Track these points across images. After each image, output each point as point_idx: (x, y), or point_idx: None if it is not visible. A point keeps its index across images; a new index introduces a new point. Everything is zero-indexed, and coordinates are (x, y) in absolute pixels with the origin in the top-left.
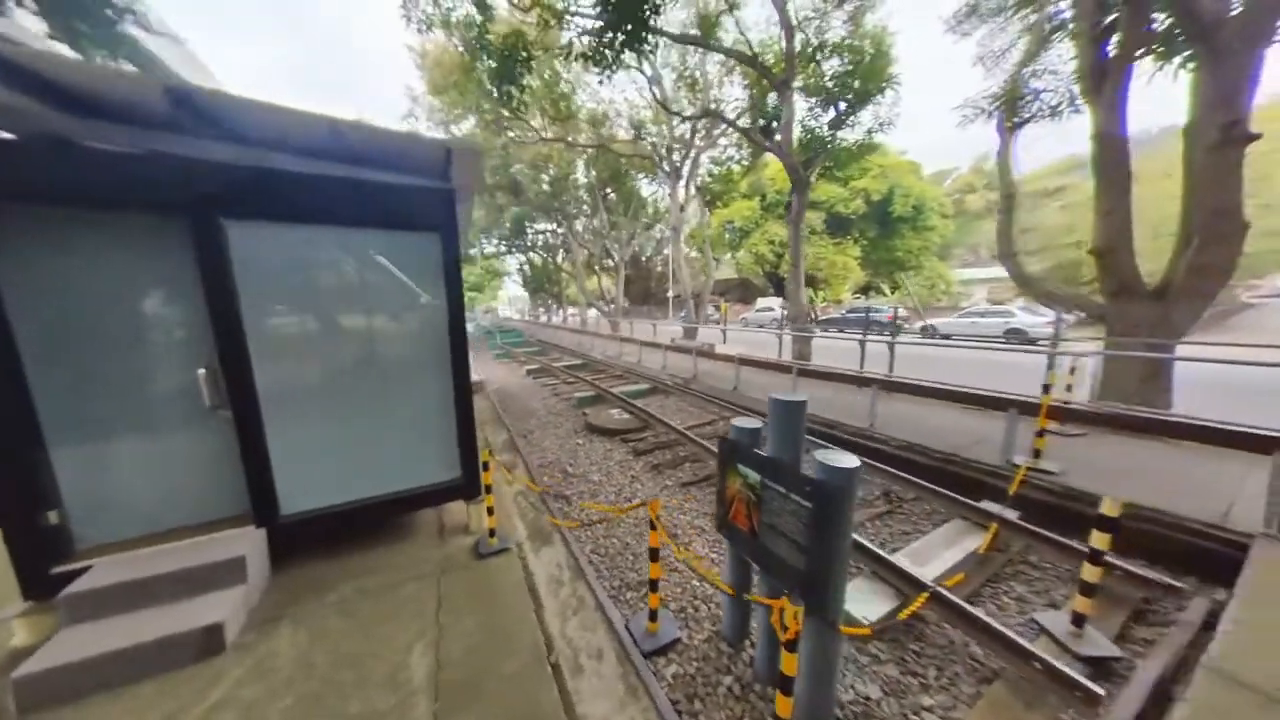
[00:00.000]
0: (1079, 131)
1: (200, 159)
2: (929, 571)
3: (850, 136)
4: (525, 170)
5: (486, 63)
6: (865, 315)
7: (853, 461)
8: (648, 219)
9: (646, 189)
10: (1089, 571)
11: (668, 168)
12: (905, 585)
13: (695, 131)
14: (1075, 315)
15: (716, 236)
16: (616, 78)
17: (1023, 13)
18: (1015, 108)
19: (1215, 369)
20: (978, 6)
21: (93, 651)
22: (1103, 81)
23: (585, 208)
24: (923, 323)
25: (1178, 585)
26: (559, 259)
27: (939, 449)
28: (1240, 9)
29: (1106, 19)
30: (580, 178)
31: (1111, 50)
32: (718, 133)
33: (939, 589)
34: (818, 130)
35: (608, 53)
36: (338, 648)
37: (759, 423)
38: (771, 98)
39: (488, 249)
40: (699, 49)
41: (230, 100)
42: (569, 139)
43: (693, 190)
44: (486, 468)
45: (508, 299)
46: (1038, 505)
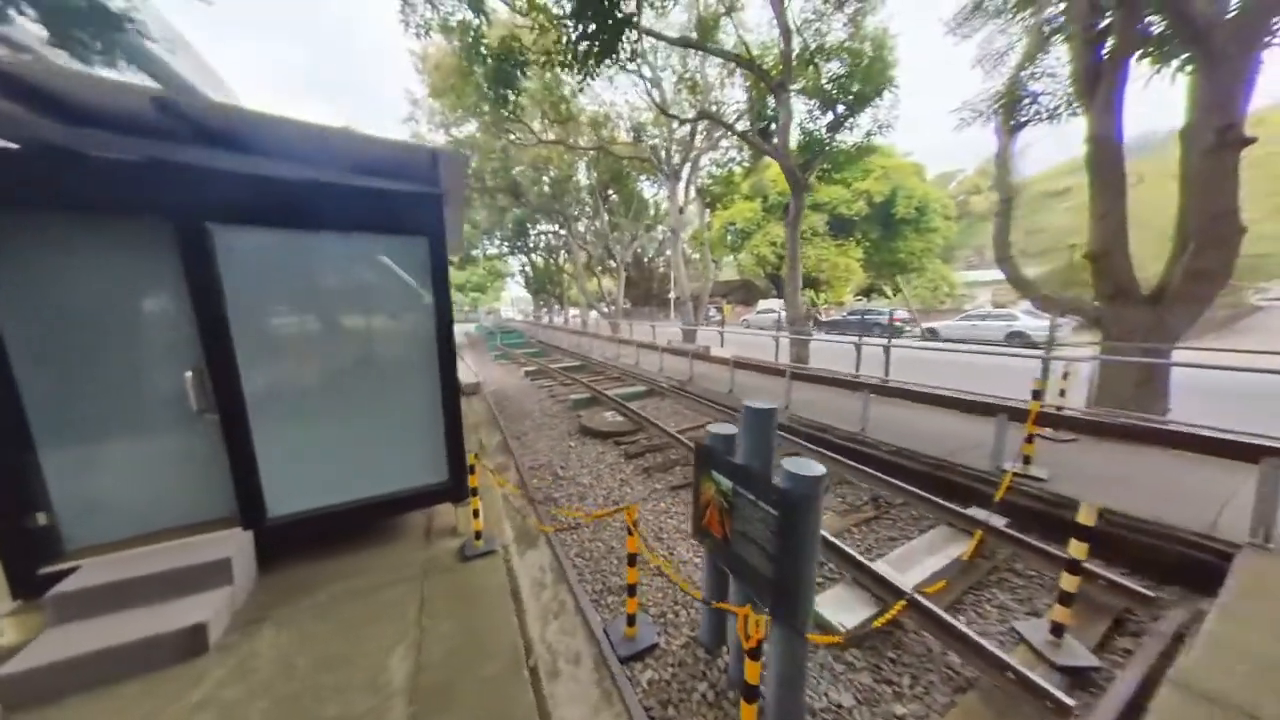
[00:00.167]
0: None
1: (186, 165)
2: (909, 578)
3: (849, 139)
4: (526, 172)
5: (487, 65)
6: (861, 318)
7: (818, 470)
8: (649, 220)
9: (648, 190)
10: (1067, 581)
11: (667, 170)
12: (884, 592)
13: (695, 134)
14: (1071, 320)
15: (718, 238)
16: (618, 80)
17: (1021, 15)
18: (1013, 110)
19: (1216, 373)
20: (978, 8)
21: (77, 651)
22: (1097, 85)
23: (587, 209)
24: (924, 326)
25: (1159, 595)
26: (561, 260)
27: (929, 454)
28: (1234, 13)
29: (1100, 22)
30: (582, 179)
31: (1106, 53)
32: (718, 135)
33: (916, 596)
34: (816, 133)
35: (590, 61)
36: (319, 650)
37: (734, 429)
38: (770, 100)
39: (490, 250)
40: (699, 51)
41: (217, 108)
42: (569, 141)
43: (692, 192)
44: (473, 471)
45: (510, 300)
46: (1025, 512)
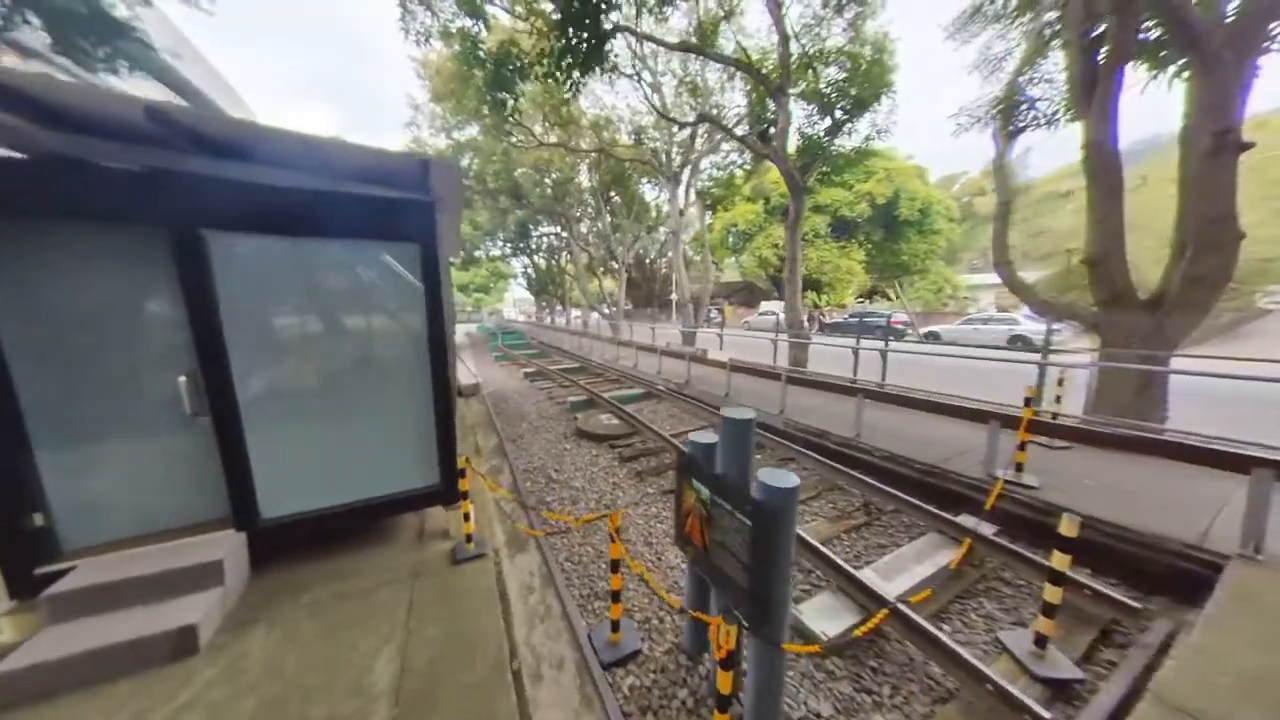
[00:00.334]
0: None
1: (181, 173)
2: (895, 587)
3: (848, 143)
4: (528, 174)
5: (486, 69)
6: (859, 321)
7: (792, 481)
8: (650, 222)
9: (650, 193)
10: (1050, 592)
11: (667, 172)
12: (868, 601)
13: (695, 136)
14: (1070, 324)
15: (719, 240)
16: (619, 84)
17: (1020, 20)
18: (1011, 116)
19: (1220, 378)
20: (976, 13)
21: (71, 650)
22: (1093, 91)
23: (590, 210)
24: (924, 330)
25: (1147, 606)
26: (563, 261)
27: (921, 460)
28: (1230, 18)
29: (1095, 29)
30: (584, 181)
31: (1101, 60)
32: (719, 138)
33: (899, 605)
34: (815, 136)
35: (574, 72)
36: (308, 651)
37: (715, 438)
38: (770, 104)
39: (493, 251)
40: (699, 56)
41: (210, 118)
42: (570, 144)
43: (693, 195)
44: (464, 474)
45: (513, 301)
46: (1016, 519)
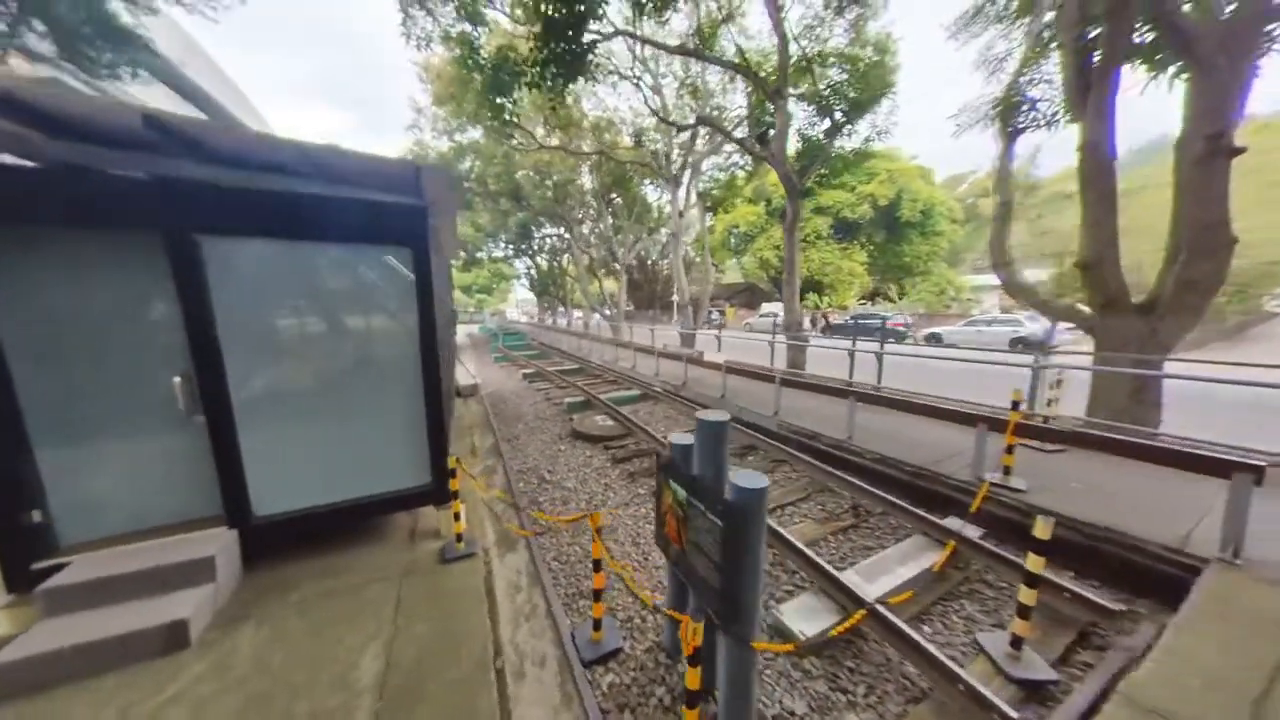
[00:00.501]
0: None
1: (176, 179)
2: (877, 588)
3: (847, 145)
4: (529, 175)
5: (484, 73)
6: (854, 324)
7: (762, 482)
8: (652, 224)
9: (652, 194)
10: (1025, 594)
11: (667, 174)
12: (849, 602)
13: (695, 138)
14: (1063, 326)
15: (721, 241)
16: (620, 86)
17: (1021, 21)
18: (1011, 116)
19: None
20: (978, 14)
21: (64, 644)
22: (1088, 93)
23: (591, 211)
24: (925, 332)
25: (1130, 609)
26: (565, 262)
27: (911, 463)
28: (1220, 22)
29: (1090, 32)
30: (585, 183)
31: (1095, 63)
32: (720, 140)
33: (877, 606)
34: (814, 139)
35: (559, 80)
36: (296, 647)
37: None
38: (769, 106)
39: (496, 253)
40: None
41: (206, 125)
42: (571, 146)
43: (693, 197)
44: (453, 474)
45: (516, 302)
46: (1003, 523)
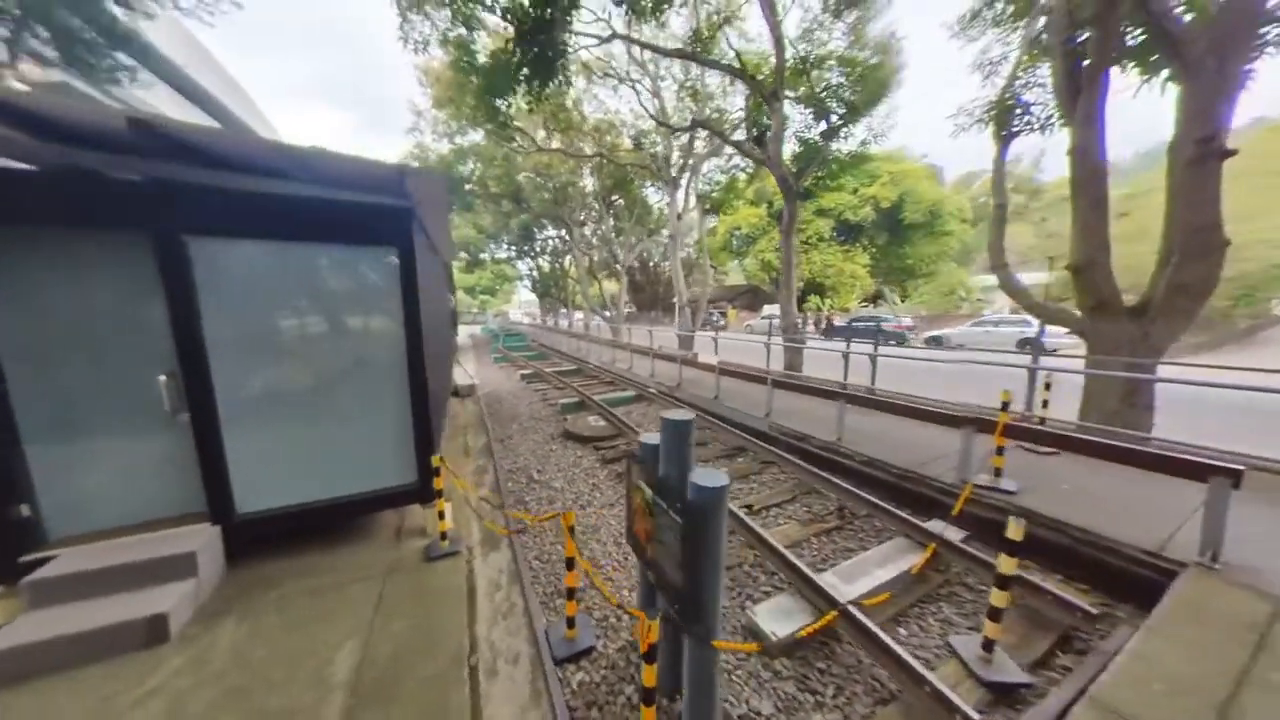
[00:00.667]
0: (1108, 139)
1: (164, 181)
2: (854, 590)
3: (845, 147)
4: (529, 177)
5: (481, 77)
6: (850, 326)
7: (722, 480)
8: (652, 225)
9: (653, 196)
10: (996, 596)
11: (666, 177)
12: (824, 603)
13: (693, 140)
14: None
15: (722, 243)
16: (621, 89)
17: (1017, 24)
18: (1006, 119)
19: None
20: (976, 16)
21: (47, 635)
22: (1077, 97)
23: (593, 213)
24: (928, 333)
25: (1111, 612)
26: (566, 263)
27: (899, 465)
28: (1208, 25)
29: (1079, 36)
30: (587, 185)
31: (1084, 66)
32: (720, 142)
33: (849, 608)
34: (811, 141)
35: (534, 83)
36: (274, 643)
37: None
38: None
39: (499, 254)
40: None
41: (194, 129)
42: (571, 149)
43: (693, 200)
44: (438, 473)
45: (519, 303)
46: (989, 525)
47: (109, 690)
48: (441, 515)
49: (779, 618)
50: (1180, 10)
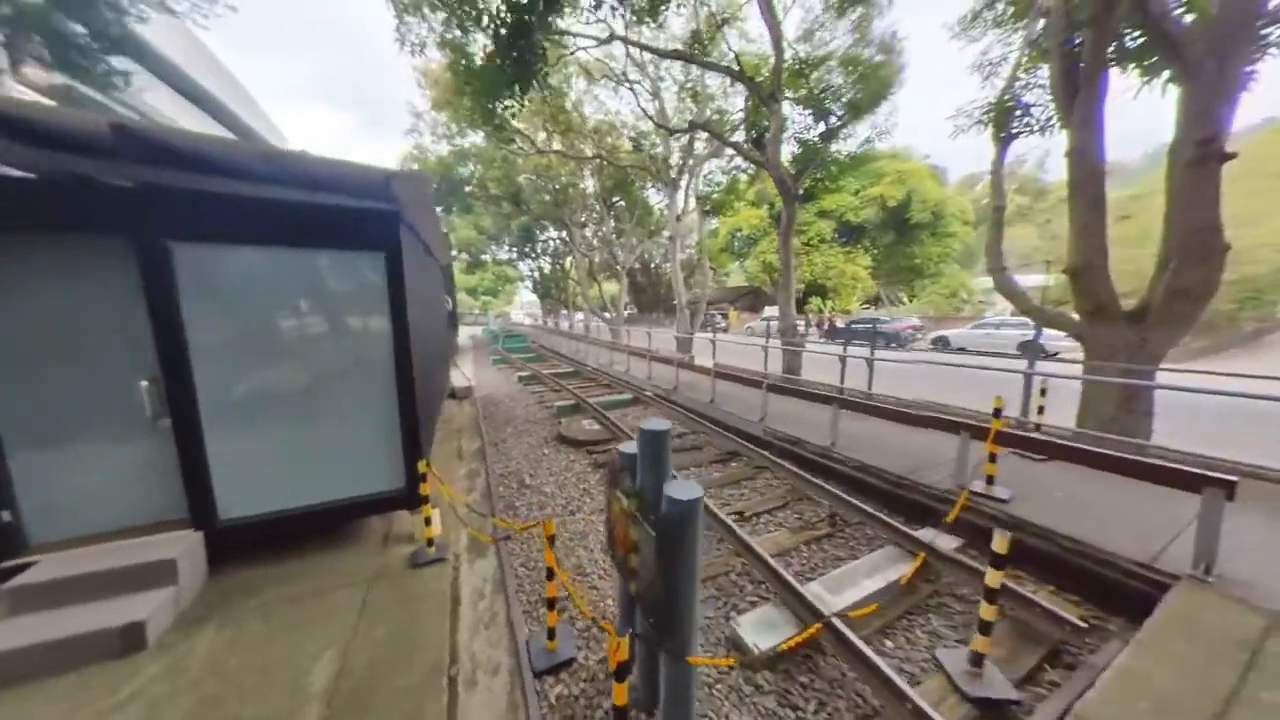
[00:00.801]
0: (1114, 139)
1: (145, 185)
2: (840, 601)
3: (845, 148)
4: (530, 179)
5: (475, 79)
6: (846, 329)
7: (695, 493)
8: (653, 226)
9: (655, 198)
10: (985, 609)
11: (666, 178)
12: (809, 615)
13: (692, 141)
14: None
15: (724, 245)
16: (621, 91)
17: (1017, 26)
18: (1005, 121)
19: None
20: (976, 18)
21: (26, 642)
22: (1074, 98)
23: (594, 214)
24: (934, 334)
25: (1103, 626)
26: (567, 264)
27: (892, 471)
28: (1207, 27)
29: (1077, 39)
30: (588, 186)
31: (1082, 68)
32: (720, 143)
33: (833, 620)
34: (810, 142)
35: (513, 87)
36: (253, 651)
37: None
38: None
39: (500, 255)
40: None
41: (177, 133)
42: (571, 151)
43: (692, 202)
44: (424, 479)
45: (521, 304)
46: (982, 533)
47: (83, 698)
48: (428, 521)
49: (763, 629)
50: (1180, 11)
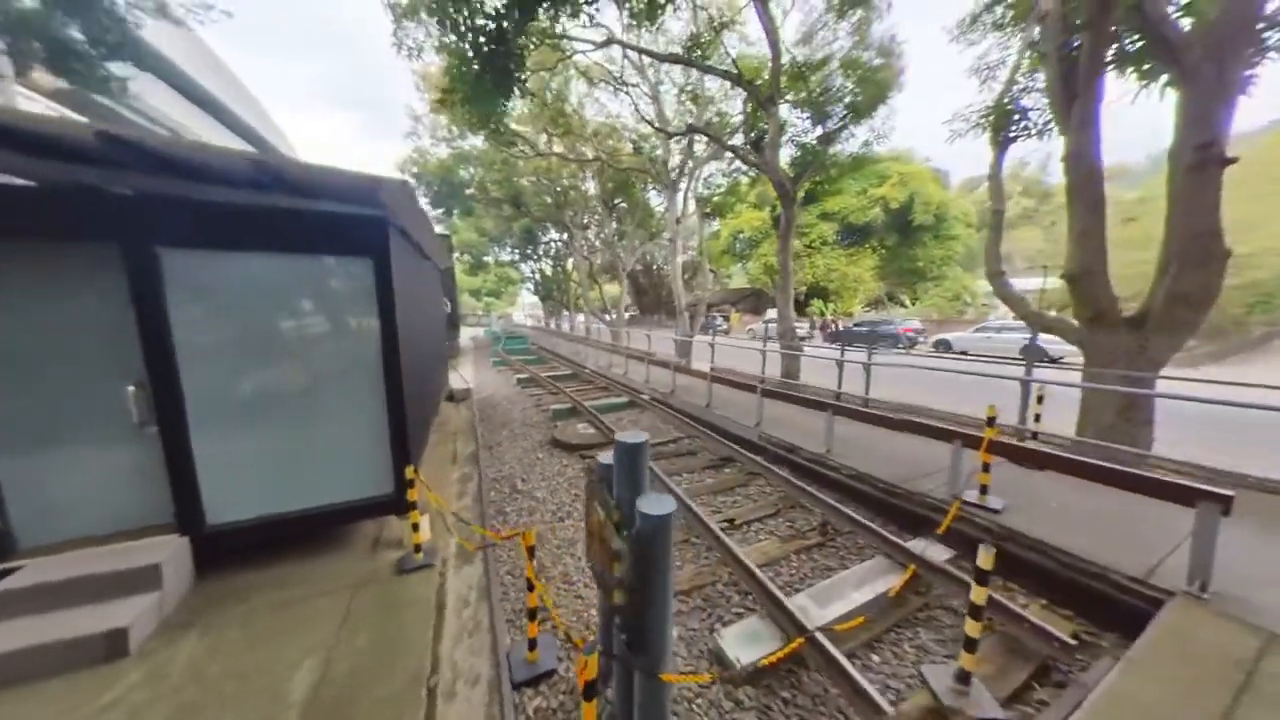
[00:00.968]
0: (1118, 142)
1: (136, 193)
2: (827, 614)
3: (845, 150)
4: (531, 181)
5: (471, 84)
6: (845, 331)
7: (668, 507)
8: (654, 228)
9: (656, 199)
10: (970, 626)
11: (665, 181)
12: (794, 628)
13: (692, 143)
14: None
15: (726, 247)
16: (621, 94)
17: (1016, 30)
18: (1003, 124)
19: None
20: (975, 21)
21: (10, 647)
22: (1072, 102)
23: (597, 216)
24: (936, 337)
25: (1097, 642)
26: (569, 266)
27: (886, 479)
28: (1204, 31)
29: (1074, 43)
30: (589, 188)
31: (1080, 72)
32: (719, 146)
33: (816, 634)
34: (809, 145)
35: (494, 97)
36: (234, 658)
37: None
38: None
39: (502, 257)
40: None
41: (164, 140)
42: (572, 153)
43: (691, 204)
44: (412, 485)
45: (524, 305)
46: (974, 544)
47: (66, 704)
48: (416, 527)
49: (746, 643)
50: (1178, 15)
